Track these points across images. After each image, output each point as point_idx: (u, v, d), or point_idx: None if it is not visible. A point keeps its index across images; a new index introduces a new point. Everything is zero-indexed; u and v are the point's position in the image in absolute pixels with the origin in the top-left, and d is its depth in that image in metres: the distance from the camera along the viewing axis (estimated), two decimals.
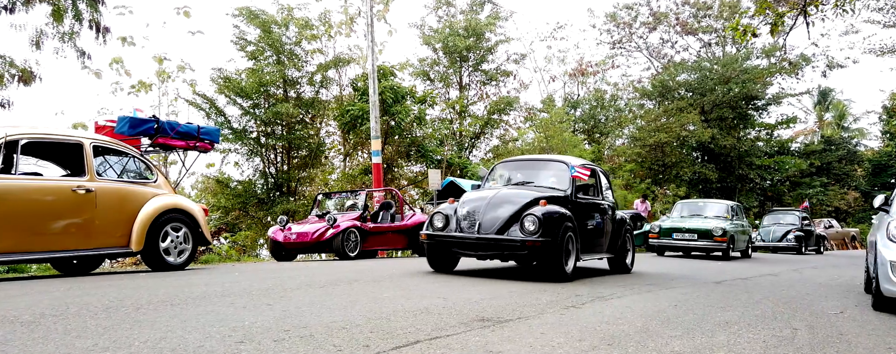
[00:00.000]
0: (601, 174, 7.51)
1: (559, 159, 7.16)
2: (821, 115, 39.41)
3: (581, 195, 6.69)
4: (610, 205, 7.42)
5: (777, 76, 27.59)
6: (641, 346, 2.97)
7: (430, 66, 21.51)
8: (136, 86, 18.91)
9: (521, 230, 5.61)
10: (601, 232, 6.99)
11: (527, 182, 6.83)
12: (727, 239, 11.78)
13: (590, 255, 6.76)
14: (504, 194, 6.12)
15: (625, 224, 7.69)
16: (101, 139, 6.12)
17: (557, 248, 5.63)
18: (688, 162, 25.83)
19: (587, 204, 6.77)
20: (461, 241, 5.83)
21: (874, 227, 6.04)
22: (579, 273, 6.77)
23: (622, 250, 7.54)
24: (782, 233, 17.71)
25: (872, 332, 3.76)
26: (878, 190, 34.57)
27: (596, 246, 6.90)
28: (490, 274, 6.31)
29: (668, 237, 12.57)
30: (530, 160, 7.67)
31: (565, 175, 6.59)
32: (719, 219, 12.77)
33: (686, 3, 28.38)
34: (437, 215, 6.13)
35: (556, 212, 5.77)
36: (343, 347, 2.65)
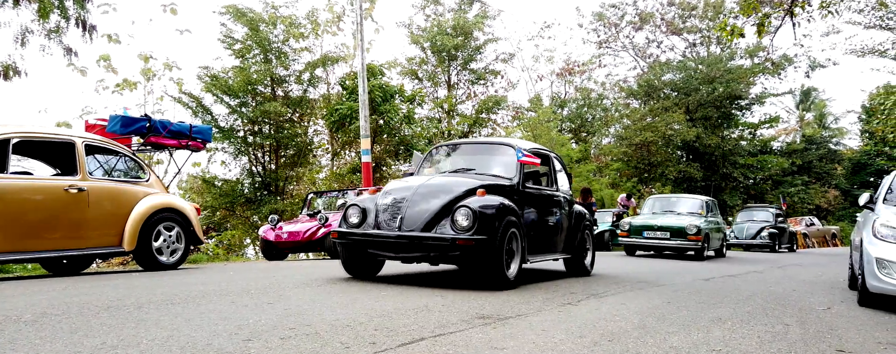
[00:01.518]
0: (556, 161, 6.62)
1: (505, 141, 6.19)
2: (802, 114, 40.06)
3: (531, 185, 5.77)
4: (566, 197, 6.59)
5: (760, 76, 28.03)
6: (641, 342, 3.04)
7: (419, 65, 21.53)
8: (120, 84, 18.70)
9: (453, 226, 4.66)
10: (555, 228, 6.15)
11: (468, 169, 5.85)
12: (702, 238, 10.96)
13: (541, 255, 5.83)
14: (436, 183, 5.14)
15: (584, 220, 6.80)
16: (93, 138, 6.07)
17: (496, 248, 4.67)
18: (673, 161, 26.15)
19: (538, 195, 5.87)
20: (378, 240, 4.82)
21: (859, 225, 6.19)
22: (529, 277, 6.07)
23: (580, 249, 6.68)
24: (756, 230, 17.22)
25: (860, 327, 3.87)
26: (856, 189, 35.27)
27: (549, 245, 6.05)
28: (419, 281, 5.44)
29: (639, 235, 11.62)
30: (472, 144, 6.70)
31: (512, 161, 5.64)
32: (693, 216, 11.91)
33: (672, 4, 28.70)
34: (352, 208, 5.11)
35: (496, 204, 4.81)
36: (350, 344, 2.68)
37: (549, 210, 6.05)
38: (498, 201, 4.86)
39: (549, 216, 6.04)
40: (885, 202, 5.52)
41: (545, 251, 5.97)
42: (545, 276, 6.40)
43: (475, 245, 4.58)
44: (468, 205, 4.68)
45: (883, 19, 20.77)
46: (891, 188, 5.83)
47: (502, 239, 4.75)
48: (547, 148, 6.90)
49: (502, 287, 4.81)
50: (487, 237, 4.61)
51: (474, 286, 4.93)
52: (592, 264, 7.02)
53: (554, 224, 6.12)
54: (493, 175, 5.57)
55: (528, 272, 6.63)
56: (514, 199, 5.29)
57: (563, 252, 6.42)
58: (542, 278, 6.19)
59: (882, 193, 5.77)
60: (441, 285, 5.06)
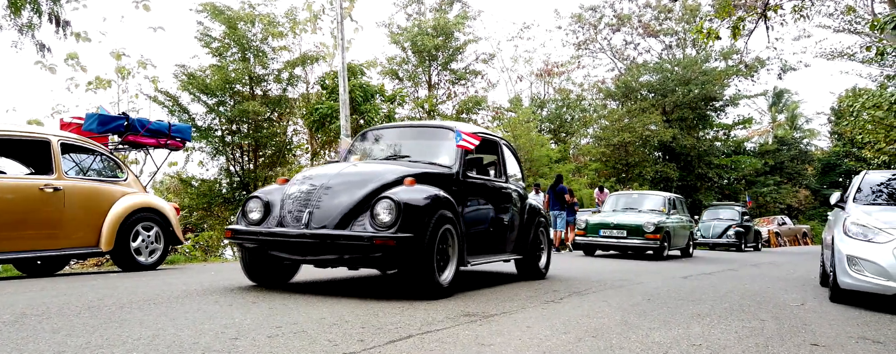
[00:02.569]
0: (505, 148, 5.92)
1: (445, 124, 5.47)
2: (775, 116, 40.98)
3: (474, 175, 5.09)
4: (517, 190, 5.90)
5: (734, 78, 28.63)
6: (624, 338, 3.10)
7: (399, 65, 21.52)
8: (92, 82, 18.33)
9: (373, 222, 3.93)
10: (504, 225, 5.48)
11: (401, 156, 5.16)
12: (660, 236, 10.36)
13: (485, 257, 5.13)
14: (356, 171, 4.43)
15: (538, 216, 6.15)
16: (69, 137, 5.96)
17: (425, 248, 3.94)
18: (650, 161, 26.55)
19: (483, 187, 5.19)
20: (281, 239, 4.01)
21: (830, 223, 6.37)
22: (473, 282, 5.39)
23: (534, 249, 6.01)
24: (722, 229, 16.95)
25: (833, 322, 3.99)
26: (826, 188, 36.20)
27: (496, 244, 5.39)
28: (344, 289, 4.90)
29: (596, 234, 10.95)
30: (408, 128, 5.86)
31: (452, 146, 4.96)
32: (654, 213, 11.24)
33: (648, 6, 29.14)
34: (252, 201, 4.32)
35: (427, 195, 4.12)
36: (338, 342, 2.69)
37: (496, 204, 5.36)
38: (429, 193, 4.14)
39: (497, 211, 5.36)
40: (855, 201, 5.70)
41: (491, 252, 5.29)
42: (492, 280, 5.77)
43: (398, 245, 3.82)
44: (391, 197, 3.93)
45: (851, 23, 21.36)
46: (860, 188, 6.02)
47: (433, 238, 4.03)
48: (495, 133, 6.26)
49: (433, 296, 4.10)
50: (414, 235, 3.87)
51: (396, 295, 4.22)
52: (548, 265, 6.39)
53: (502, 220, 5.43)
54: (430, 163, 4.85)
55: (473, 275, 6.10)
56: (451, 190, 4.57)
57: (513, 253, 5.74)
58: (488, 282, 5.56)
59: (852, 192, 5.95)
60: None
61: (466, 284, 5.17)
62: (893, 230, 4.67)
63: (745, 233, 16.91)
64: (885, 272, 4.53)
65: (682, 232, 11.81)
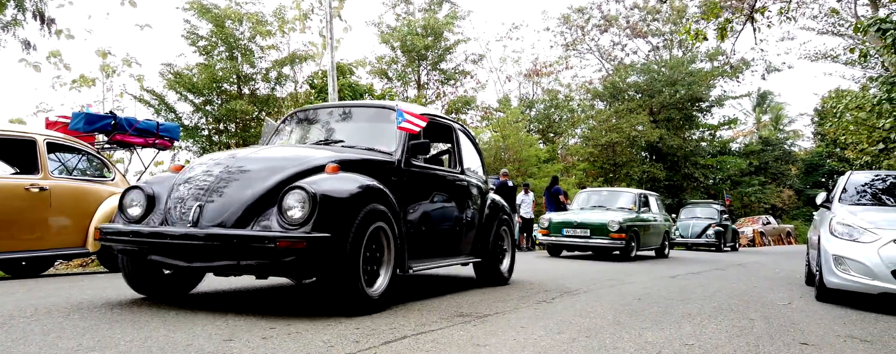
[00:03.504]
0: (461, 135, 5.23)
1: (386, 104, 4.72)
2: (759, 117, 41.48)
3: (422, 164, 4.43)
4: (476, 184, 5.24)
5: (719, 79, 28.94)
6: (617, 337, 3.12)
7: (389, 64, 21.48)
8: (77, 81, 18.10)
9: (281, 218, 3.19)
10: (458, 224, 4.78)
11: (335, 140, 4.38)
12: (626, 236, 9.73)
13: (433, 260, 4.44)
14: (266, 156, 3.67)
15: (500, 213, 5.47)
16: (56, 136, 5.88)
17: (347, 251, 3.22)
18: (637, 161, 26.75)
19: (433, 178, 4.50)
20: (161, 241, 3.21)
21: (815, 223, 6.46)
22: (419, 290, 4.67)
23: (495, 251, 5.33)
24: (701, 228, 16.40)
25: (820, 321, 4.05)
26: (810, 188, 36.70)
27: (447, 245, 4.69)
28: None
29: (559, 233, 10.27)
30: (343, 107, 4.93)
31: (393, 130, 4.25)
32: (622, 211, 10.60)
33: (636, 7, 29.35)
34: (132, 193, 3.52)
35: (351, 186, 3.40)
36: (333, 343, 2.68)
37: (449, 199, 4.69)
38: (356, 183, 3.46)
39: (450, 207, 4.67)
40: (840, 202, 5.78)
41: (442, 254, 4.59)
42: (442, 287, 5.01)
43: (310, 248, 3.07)
44: (305, 187, 3.18)
45: (835, 26, 21.70)
46: (845, 188, 6.10)
47: (359, 238, 3.30)
48: (450, 117, 5.53)
49: (358, 310, 3.37)
50: (332, 236, 3.15)
51: (316, 310, 3.44)
52: (512, 269, 5.72)
53: (456, 218, 4.75)
54: (367, 149, 4.14)
55: (425, 280, 5.45)
56: (391, 181, 3.89)
57: (470, 255, 5.07)
58: (437, 290, 4.77)
59: (838, 193, 6.03)
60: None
61: (409, 293, 4.44)
62: (879, 230, 4.75)
63: (724, 233, 16.46)
64: (870, 272, 4.61)
65: (655, 231, 11.20)
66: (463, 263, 4.99)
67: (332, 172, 3.47)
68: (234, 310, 3.44)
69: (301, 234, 3.09)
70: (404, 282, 5.22)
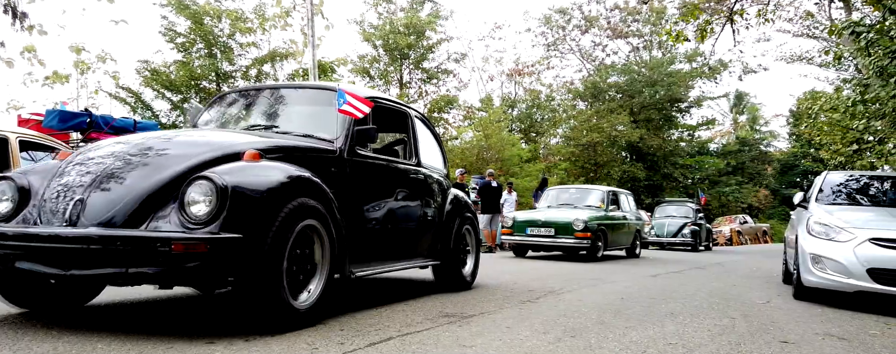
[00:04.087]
0: (418, 123, 4.71)
1: (328, 85, 4.16)
2: (736, 117, 42.18)
3: (369, 154, 3.89)
4: (436, 178, 4.76)
5: (698, 80, 29.37)
6: (602, 337, 3.13)
7: (371, 63, 21.39)
8: (50, 77, 17.71)
9: (182, 215, 2.63)
10: (413, 222, 4.31)
11: (267, 126, 3.84)
12: (591, 235, 9.27)
13: (383, 263, 3.94)
14: (170, 141, 3.07)
15: (463, 211, 5.01)
16: (28, 133, 5.73)
17: (265, 255, 2.69)
18: (618, 161, 27.05)
19: (383, 170, 4.04)
20: (29, 245, 2.64)
21: (792, 223, 6.57)
22: (360, 298, 4.08)
23: (456, 252, 4.82)
24: (677, 227, 15.98)
25: (798, 319, 4.12)
26: (785, 188, 37.43)
27: (401, 246, 4.23)
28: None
29: (523, 232, 9.80)
30: (278, 89, 4.29)
31: (334, 114, 3.68)
32: (590, 209, 10.12)
33: (617, 8, 29.63)
34: (1, 184, 2.93)
35: (273, 176, 2.85)
36: (317, 345, 2.65)
37: (402, 194, 4.18)
38: (280, 172, 2.89)
39: (403, 203, 4.18)
40: (817, 201, 5.89)
41: (393, 257, 4.10)
42: (392, 293, 4.43)
43: (214, 251, 2.51)
44: (212, 177, 2.63)
45: (810, 28, 22.14)
46: (821, 189, 6.22)
47: (281, 239, 2.76)
48: (404, 102, 5.00)
49: (282, 325, 2.86)
50: (245, 236, 2.61)
51: (376, 296, 3.68)
52: (475, 273, 5.23)
53: (411, 216, 4.28)
54: (304, 135, 3.60)
55: (370, 285, 4.84)
56: (329, 173, 3.38)
57: (428, 257, 4.56)
58: (386, 296, 4.23)
59: (814, 193, 6.15)
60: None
61: (387, 294, 4.23)
62: (855, 230, 4.84)
63: (699, 232, 16.01)
64: (846, 270, 4.70)
65: (625, 230, 10.79)
66: (420, 266, 4.51)
67: (251, 159, 2.90)
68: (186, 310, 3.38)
69: (204, 235, 2.53)
70: (365, 286, 5.19)
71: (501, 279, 6.03)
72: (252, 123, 3.96)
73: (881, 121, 10.63)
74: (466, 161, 18.51)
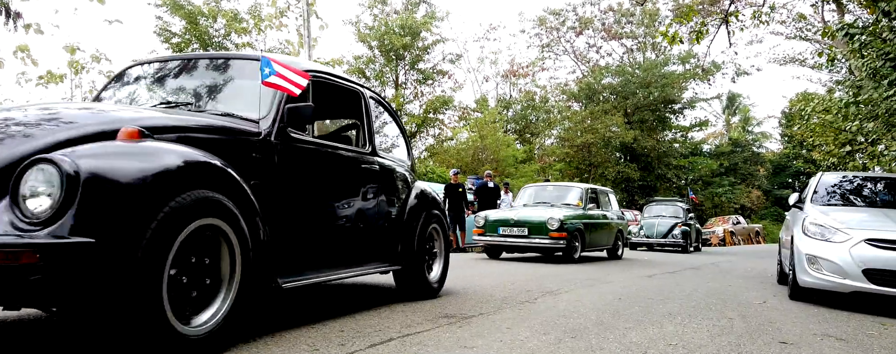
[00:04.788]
0: (373, 104, 4.07)
1: (252, 55, 3.45)
2: (729, 119, 42.42)
3: (309, 138, 3.27)
4: (396, 168, 4.19)
5: (691, 81, 29.53)
6: (602, 338, 3.14)
7: (366, 63, 21.38)
8: (44, 77, 17.59)
9: (16, 213, 1.98)
10: (367, 220, 3.72)
11: (180, 103, 3.20)
12: (567, 235, 8.76)
13: (326, 270, 3.33)
14: (27, 112, 2.42)
15: (430, 207, 4.39)
16: None
17: (137, 268, 2.05)
18: (612, 162, 27.14)
19: (328, 157, 3.41)
20: None
21: (787, 223, 6.61)
22: (354, 300, 3.99)
23: (420, 255, 4.19)
24: (667, 228, 15.39)
25: (796, 319, 4.14)
26: (777, 189, 37.68)
27: (350, 249, 3.62)
28: None
29: (495, 232, 9.26)
30: (193, 60, 3.56)
31: (260, 89, 3.04)
32: (567, 208, 9.61)
33: (610, 10, 29.74)
34: None
35: (155, 161, 2.21)
36: (318, 346, 2.64)
37: (352, 187, 3.61)
38: (166, 157, 2.24)
39: (353, 199, 3.60)
40: (812, 202, 5.92)
41: (339, 263, 3.50)
42: (396, 293, 4.27)
43: (49, 262, 1.89)
44: (57, 160, 1.98)
45: (802, 30, 22.30)
46: (816, 190, 6.26)
47: (159, 245, 2.13)
48: (355, 79, 4.33)
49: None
50: (99, 241, 1.97)
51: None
52: (444, 278, 4.61)
53: (362, 213, 3.66)
54: (225, 114, 2.97)
55: (370, 287, 4.61)
56: (251, 159, 2.79)
57: (385, 262, 3.98)
58: (384, 298, 4.11)
59: (809, 193, 6.18)
60: None
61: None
62: (850, 230, 4.87)
63: (690, 232, 15.47)
64: (841, 271, 4.73)
65: (605, 230, 10.26)
66: (385, 271, 3.91)
67: (127, 138, 2.25)
68: None
69: (41, 239, 1.88)
70: (366, 287, 5.17)
71: (471, 284, 5.36)
72: (163, 99, 3.26)
73: (874, 122, 10.70)
74: (462, 162, 18.53)
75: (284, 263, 2.97)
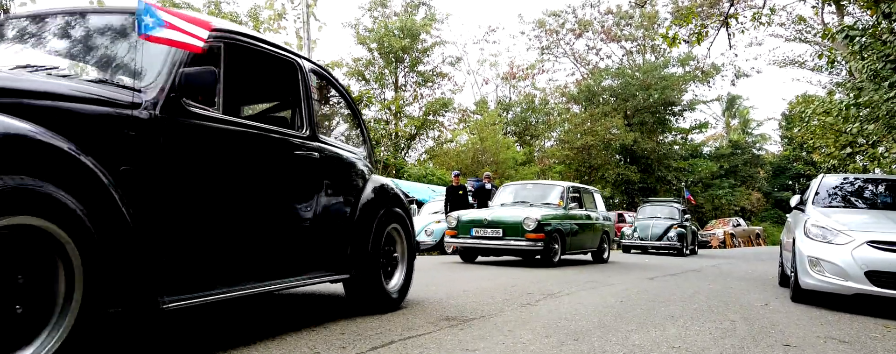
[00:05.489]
0: (312, 78, 3.38)
1: (125, 7, 2.69)
2: (729, 121, 42.44)
3: (205, 112, 2.54)
4: (344, 157, 3.56)
5: (691, 84, 29.57)
6: (605, 340, 3.12)
7: (365, 66, 21.39)
8: None
9: None
10: (301, 220, 3.13)
11: (46, 67, 2.49)
12: (545, 236, 8.11)
13: (237, 285, 2.64)
14: None
15: (389, 204, 3.80)
16: None
17: None
18: (612, 164, 27.15)
19: (232, 137, 2.68)
20: None
21: (789, 225, 6.59)
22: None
23: (375, 260, 3.57)
24: (662, 230, 14.74)
25: (798, 322, 4.12)
26: (777, 191, 37.67)
27: (275, 256, 2.98)
28: None
29: (467, 233, 8.57)
30: (67, 14, 2.77)
31: (146, 48, 2.42)
32: (547, 207, 8.94)
33: (609, 13, 29.79)
34: None
35: None
36: (319, 349, 2.62)
37: (278, 178, 2.98)
38: None
39: (281, 192, 3.00)
40: (814, 204, 5.91)
41: (260, 273, 2.84)
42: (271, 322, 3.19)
43: None
44: None
45: (802, 33, 22.31)
46: (817, 191, 6.24)
47: None
48: (288, 47, 3.39)
49: None
50: None
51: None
52: (406, 288, 4.00)
53: (293, 211, 3.08)
54: (98, 81, 2.35)
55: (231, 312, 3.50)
56: (125, 139, 2.17)
57: (328, 270, 3.34)
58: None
59: (811, 195, 6.16)
60: None
61: None
62: (852, 232, 4.85)
63: (686, 234, 14.73)
64: (844, 273, 4.71)
65: (589, 232, 9.60)
66: (326, 280, 3.26)
67: None
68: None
69: None
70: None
71: (438, 293, 4.68)
72: (27, 61, 2.54)
73: (874, 124, 10.70)
74: (462, 164, 18.51)
75: (173, 276, 2.30)
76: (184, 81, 2.36)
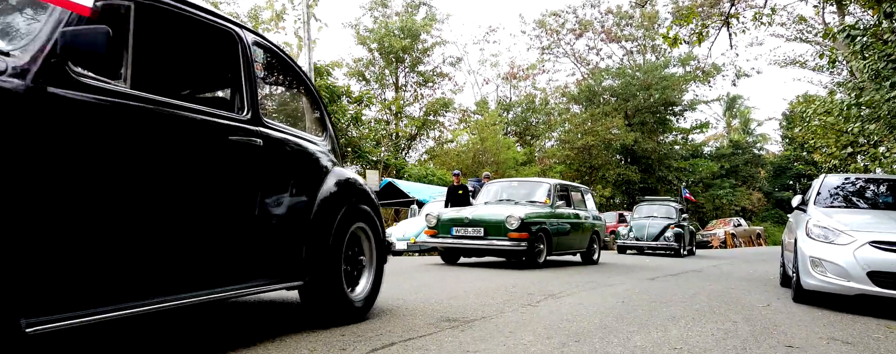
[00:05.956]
0: (259, 52, 2.98)
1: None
2: (729, 121, 42.42)
3: (104, 82, 2.00)
4: (297, 145, 3.12)
5: (692, 84, 29.57)
6: (606, 342, 3.10)
7: (366, 66, 21.39)
8: None
9: None
10: (241, 218, 2.66)
11: None
12: (529, 235, 7.74)
13: (148, 297, 2.15)
14: None
15: (354, 200, 3.38)
16: None
17: None
18: (613, 164, 27.13)
19: (144, 115, 2.15)
20: None
21: (790, 226, 6.57)
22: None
23: (335, 262, 3.15)
24: (659, 230, 14.23)
25: (801, 323, 4.10)
26: (778, 191, 37.62)
27: (201, 260, 2.47)
28: None
29: (447, 233, 8.17)
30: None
31: (18, 2, 2.05)
32: (532, 206, 8.57)
33: (610, 13, 29.78)
34: None
35: None
36: (318, 351, 2.60)
37: (205, 167, 2.49)
38: None
39: (204, 184, 2.48)
40: (815, 204, 5.89)
41: (177, 283, 2.33)
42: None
43: None
44: None
45: (803, 32, 22.30)
46: (819, 191, 6.22)
47: None
48: (229, 17, 2.84)
49: None
50: None
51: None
52: (374, 296, 3.57)
53: (226, 207, 2.59)
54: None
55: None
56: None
57: (276, 276, 2.90)
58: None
59: (812, 195, 6.15)
60: None
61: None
62: (854, 232, 4.83)
63: (683, 234, 14.27)
64: (846, 274, 4.69)
65: (577, 232, 9.18)
66: (273, 288, 2.85)
67: None
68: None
69: None
70: None
71: (413, 299, 4.29)
72: None
73: (875, 124, 10.68)
74: (462, 164, 18.50)
75: (45, 291, 1.80)
76: (68, 42, 1.85)
